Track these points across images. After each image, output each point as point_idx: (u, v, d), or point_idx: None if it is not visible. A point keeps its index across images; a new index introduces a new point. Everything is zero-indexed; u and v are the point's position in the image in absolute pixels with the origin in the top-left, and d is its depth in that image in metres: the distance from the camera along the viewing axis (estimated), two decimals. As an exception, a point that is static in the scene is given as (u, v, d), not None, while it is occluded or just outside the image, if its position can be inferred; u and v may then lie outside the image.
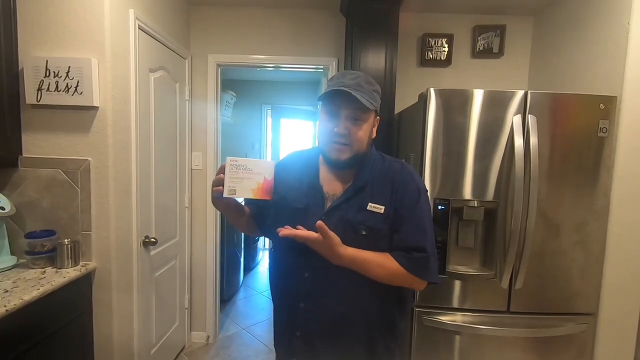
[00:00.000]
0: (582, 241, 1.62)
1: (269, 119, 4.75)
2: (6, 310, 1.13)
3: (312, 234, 0.89)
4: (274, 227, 1.00)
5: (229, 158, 0.90)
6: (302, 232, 0.90)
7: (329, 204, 0.99)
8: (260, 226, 1.13)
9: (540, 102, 1.59)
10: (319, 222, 0.87)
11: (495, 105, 1.60)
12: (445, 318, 1.67)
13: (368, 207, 0.96)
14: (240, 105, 4.57)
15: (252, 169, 0.92)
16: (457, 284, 1.66)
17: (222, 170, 0.91)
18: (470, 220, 1.66)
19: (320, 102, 0.99)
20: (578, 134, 1.60)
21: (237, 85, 4.43)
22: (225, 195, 0.90)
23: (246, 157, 1.14)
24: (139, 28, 1.75)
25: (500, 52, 2.37)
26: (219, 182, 0.92)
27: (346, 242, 0.93)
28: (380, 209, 0.96)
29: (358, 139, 0.95)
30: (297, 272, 0.99)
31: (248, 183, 0.91)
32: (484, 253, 1.69)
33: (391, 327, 1.04)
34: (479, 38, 2.36)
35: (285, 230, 0.90)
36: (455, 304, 1.67)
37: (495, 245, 1.64)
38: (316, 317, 0.99)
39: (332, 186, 1.02)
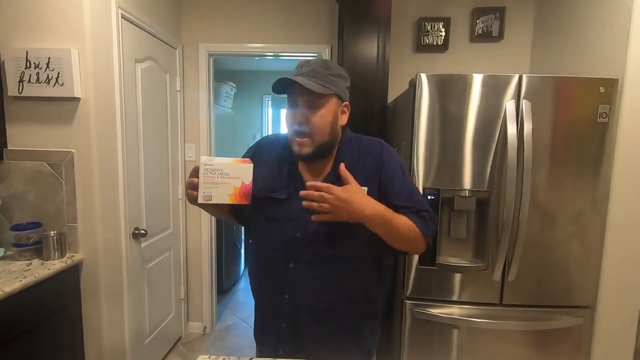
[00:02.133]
0: (578, 232, 1.55)
1: (270, 110, 4.72)
2: (-14, 301, 1.14)
3: (331, 187, 0.83)
4: (254, 219, 1.00)
5: (202, 160, 0.84)
6: (321, 183, 0.85)
7: None
8: (237, 217, 1.10)
9: (536, 86, 1.51)
10: (341, 166, 0.87)
11: (490, 90, 1.53)
12: (436, 310, 1.63)
13: None
14: (240, 96, 4.53)
15: (229, 172, 0.85)
16: (448, 275, 1.62)
17: (195, 172, 0.85)
18: (462, 211, 1.61)
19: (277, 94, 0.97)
20: (576, 119, 1.52)
21: (237, 76, 4.39)
22: (200, 201, 0.85)
23: (247, 147, 1.08)
24: (122, 17, 1.72)
25: (500, 36, 2.27)
26: (192, 186, 0.87)
27: (334, 228, 0.92)
28: (364, 190, 0.93)
29: (317, 127, 0.90)
30: (280, 264, 0.97)
31: (224, 188, 0.86)
32: (476, 244, 1.64)
33: (373, 308, 1.05)
34: (477, 21, 2.26)
35: (308, 189, 0.84)
36: (447, 296, 1.63)
37: (487, 236, 1.59)
38: (301, 307, 0.97)
39: (311, 174, 0.99)
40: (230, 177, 0.86)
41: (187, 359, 2.31)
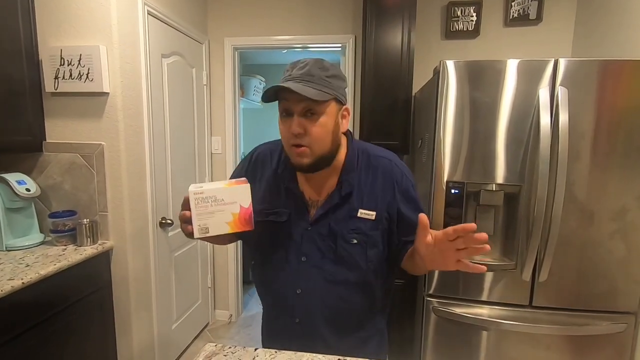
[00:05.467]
0: (621, 230, 1.42)
1: (298, 103, 4.73)
2: (22, 283, 1.23)
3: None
4: (255, 240, 0.94)
5: (190, 190, 0.74)
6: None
7: (313, 212, 0.90)
8: (242, 239, 1.04)
9: (575, 71, 1.38)
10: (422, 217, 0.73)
11: (523, 77, 1.42)
12: (459, 310, 1.56)
13: (359, 214, 0.88)
14: (269, 90, 4.58)
15: (224, 198, 0.75)
16: (473, 274, 1.52)
17: (185, 204, 0.77)
18: (489, 206, 1.52)
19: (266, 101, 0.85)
20: (622, 107, 1.38)
21: (266, 70, 4.43)
22: (196, 236, 0.75)
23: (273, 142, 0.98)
24: (148, 14, 1.77)
25: (539, 18, 2.10)
26: (185, 219, 0.77)
27: (337, 252, 0.88)
28: (372, 215, 0.88)
29: (317, 138, 0.81)
30: (288, 290, 0.92)
31: (221, 216, 0.75)
32: (505, 241, 1.54)
33: (382, 308, 1.01)
34: (512, 3, 2.11)
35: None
36: (471, 295, 1.56)
37: (516, 234, 1.49)
38: (312, 330, 0.94)
39: (313, 191, 0.91)
40: (226, 203, 0.75)
41: (213, 345, 2.39)
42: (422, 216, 0.71)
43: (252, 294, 3.18)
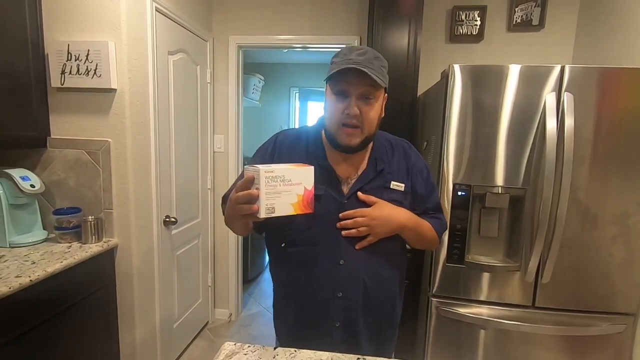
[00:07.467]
0: (623, 234, 1.45)
1: (297, 102, 4.73)
2: (30, 280, 1.22)
3: (362, 210, 0.92)
4: (289, 222, 0.93)
5: (262, 169, 0.72)
6: (351, 211, 0.92)
7: (345, 188, 0.95)
8: (261, 229, 1.02)
9: (579, 78, 1.41)
10: (359, 193, 0.92)
11: (528, 82, 1.45)
12: (463, 310, 1.58)
13: (391, 186, 0.97)
14: (268, 88, 4.56)
15: (291, 179, 0.75)
16: (478, 274, 1.57)
17: (248, 182, 0.75)
18: (494, 208, 1.55)
19: (327, 82, 0.91)
20: (624, 113, 1.41)
21: (265, 69, 4.42)
22: (262, 215, 0.73)
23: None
24: (156, 10, 1.76)
25: (541, 24, 2.14)
26: (249, 199, 0.74)
27: None
28: (401, 186, 0.98)
29: (370, 120, 0.89)
30: (330, 262, 0.93)
31: (287, 197, 0.75)
32: (509, 243, 1.57)
33: (401, 292, 1.07)
34: (516, 9, 2.14)
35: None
36: (475, 295, 1.58)
37: (520, 236, 1.52)
38: (354, 304, 0.95)
39: (343, 169, 0.96)
40: (293, 184, 0.76)
41: (214, 344, 2.39)
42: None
43: (252, 293, 3.18)
